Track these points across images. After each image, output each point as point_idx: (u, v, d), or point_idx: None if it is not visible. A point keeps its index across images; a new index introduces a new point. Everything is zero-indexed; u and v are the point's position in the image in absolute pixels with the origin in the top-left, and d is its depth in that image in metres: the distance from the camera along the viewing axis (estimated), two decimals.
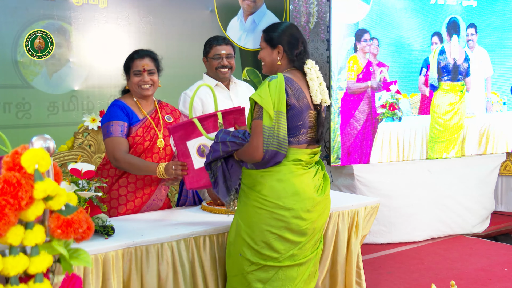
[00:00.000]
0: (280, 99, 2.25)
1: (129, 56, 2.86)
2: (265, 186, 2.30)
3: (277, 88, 2.25)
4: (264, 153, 2.24)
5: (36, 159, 1.35)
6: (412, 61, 4.90)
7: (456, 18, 4.95)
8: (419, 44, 4.90)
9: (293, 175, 2.30)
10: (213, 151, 2.40)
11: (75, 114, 4.04)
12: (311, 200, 2.33)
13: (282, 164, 2.30)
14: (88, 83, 4.08)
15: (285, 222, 2.29)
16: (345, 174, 4.71)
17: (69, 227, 1.37)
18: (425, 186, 4.83)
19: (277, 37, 2.40)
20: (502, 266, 4.13)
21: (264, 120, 2.24)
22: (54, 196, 1.36)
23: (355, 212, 2.97)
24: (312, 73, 2.36)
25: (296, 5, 5.82)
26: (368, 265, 4.04)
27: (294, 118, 2.30)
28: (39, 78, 3.90)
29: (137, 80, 2.80)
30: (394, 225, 4.72)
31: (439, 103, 4.97)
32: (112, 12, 4.16)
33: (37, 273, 1.35)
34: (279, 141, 2.24)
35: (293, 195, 2.29)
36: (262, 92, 2.26)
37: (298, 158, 2.32)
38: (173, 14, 4.46)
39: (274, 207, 2.29)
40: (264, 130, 2.24)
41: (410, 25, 4.85)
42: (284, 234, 2.30)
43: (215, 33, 4.66)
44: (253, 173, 2.33)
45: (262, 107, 2.24)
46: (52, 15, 3.92)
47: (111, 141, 2.74)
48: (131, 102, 2.85)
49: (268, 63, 2.44)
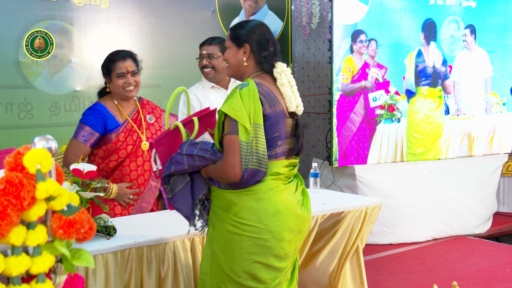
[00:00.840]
0: (256, 110, 1.98)
1: (108, 57, 2.81)
2: (243, 208, 2.02)
3: (250, 97, 1.98)
4: (242, 172, 1.96)
5: (38, 160, 1.35)
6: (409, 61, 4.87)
7: (433, 20, 4.87)
8: (418, 45, 4.89)
9: (273, 192, 2.04)
10: (176, 163, 2.08)
11: (77, 114, 4.04)
12: (296, 218, 2.08)
13: (260, 181, 2.03)
14: (89, 83, 4.09)
15: (268, 247, 2.02)
16: (346, 175, 4.71)
17: (71, 228, 1.37)
18: (427, 187, 4.83)
19: (244, 35, 2.14)
20: (504, 267, 4.12)
21: (240, 135, 1.96)
22: (56, 197, 1.37)
23: (357, 212, 2.97)
24: (283, 78, 2.11)
25: (298, 5, 5.82)
26: (370, 265, 4.04)
27: (270, 129, 2.04)
28: (41, 78, 3.91)
29: (121, 82, 2.77)
30: (395, 225, 4.72)
31: (417, 110, 4.86)
32: (113, 12, 4.16)
33: (39, 273, 1.35)
34: (259, 157, 1.98)
35: (275, 215, 2.02)
36: (234, 103, 1.98)
37: (277, 172, 2.07)
38: (174, 14, 4.47)
39: (256, 231, 2.01)
40: (241, 146, 1.96)
41: (409, 26, 4.84)
42: (270, 261, 2.04)
43: (217, 34, 4.67)
44: (227, 193, 2.05)
45: (236, 120, 1.96)
46: (54, 16, 3.92)
47: (73, 142, 2.77)
48: (112, 105, 2.82)
49: (233, 64, 2.16)
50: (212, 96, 3.14)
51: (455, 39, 5.05)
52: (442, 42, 5.00)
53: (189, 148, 2.07)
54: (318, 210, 2.86)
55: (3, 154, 2.28)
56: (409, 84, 4.83)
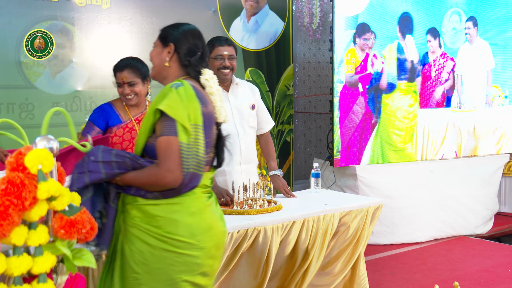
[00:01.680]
0: (195, 110, 1.83)
1: (115, 65, 2.86)
2: (172, 222, 1.83)
3: (188, 97, 1.83)
4: (183, 177, 1.80)
5: (40, 160, 1.35)
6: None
7: (409, 14, 4.79)
8: (419, 38, 4.86)
9: (203, 206, 1.90)
10: (90, 172, 1.82)
11: (78, 114, 4.04)
12: (222, 234, 1.97)
13: (191, 193, 1.87)
14: (91, 83, 4.09)
15: (197, 265, 1.87)
16: (347, 175, 4.71)
17: (73, 228, 1.37)
18: (428, 187, 4.82)
19: (172, 34, 2.02)
20: (506, 267, 4.12)
21: (179, 136, 1.79)
22: (58, 197, 1.37)
23: (358, 212, 2.97)
24: (212, 86, 1.98)
25: (299, 5, 5.82)
26: (371, 265, 4.04)
27: (205, 132, 1.88)
28: (42, 78, 3.91)
29: (120, 91, 2.85)
30: (396, 226, 4.71)
31: (399, 106, 4.79)
32: (114, 12, 4.16)
33: (40, 273, 1.35)
34: (199, 160, 1.83)
35: (207, 231, 1.89)
36: (171, 102, 1.81)
37: (205, 184, 1.92)
38: (175, 14, 4.46)
39: (186, 247, 1.83)
40: (182, 148, 1.79)
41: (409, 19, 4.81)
42: (197, 279, 1.88)
43: (218, 34, 4.66)
44: (150, 206, 1.85)
45: (174, 120, 1.79)
46: (55, 16, 3.92)
47: (78, 136, 2.89)
48: (120, 105, 2.90)
49: (156, 63, 2.04)
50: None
51: (457, 31, 5.03)
52: (444, 34, 4.97)
53: (105, 154, 1.84)
54: (319, 210, 2.86)
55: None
56: (391, 77, 4.74)
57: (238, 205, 2.82)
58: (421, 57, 4.89)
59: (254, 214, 2.72)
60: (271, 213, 2.76)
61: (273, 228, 2.65)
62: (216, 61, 3.05)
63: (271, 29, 5.01)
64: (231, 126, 3.06)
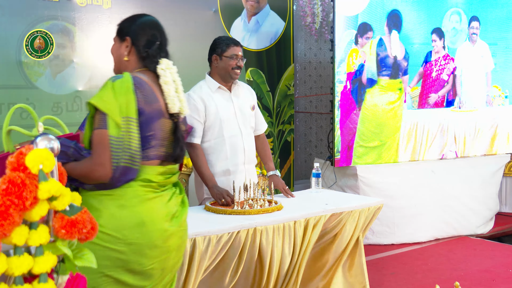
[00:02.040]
0: (128, 103, 1.79)
1: None
2: (102, 214, 1.79)
3: (123, 89, 1.80)
4: (113, 171, 1.77)
5: (41, 160, 1.35)
6: (413, 54, 4.84)
7: (398, 11, 4.76)
8: (420, 37, 4.86)
9: (139, 200, 1.83)
10: None
11: (79, 114, 4.05)
12: (161, 232, 1.85)
13: (127, 186, 1.82)
14: (92, 83, 4.09)
15: (122, 261, 1.79)
16: (348, 175, 4.71)
17: (73, 227, 1.37)
18: (429, 187, 4.82)
19: (128, 27, 2.03)
20: (507, 267, 4.11)
21: (110, 129, 1.77)
22: (59, 197, 1.37)
23: (359, 212, 2.97)
24: (167, 76, 1.94)
25: (301, 5, 5.82)
26: (372, 265, 4.04)
27: (143, 126, 1.83)
28: (43, 78, 3.91)
29: None
30: (397, 226, 4.71)
31: (376, 102, 4.70)
32: (116, 12, 4.17)
33: (41, 273, 1.35)
34: (132, 154, 1.79)
35: (137, 226, 1.80)
36: (104, 95, 1.79)
37: (148, 178, 1.85)
38: (176, 14, 4.47)
39: (110, 240, 1.78)
40: (111, 141, 1.76)
41: (410, 18, 4.80)
42: (121, 276, 1.80)
43: (219, 34, 4.66)
44: (88, 196, 1.82)
45: (105, 113, 1.77)
46: (56, 16, 3.93)
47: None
48: None
49: (115, 59, 2.04)
50: (216, 97, 3.09)
51: (457, 31, 5.03)
52: (445, 34, 4.98)
53: None
54: (320, 210, 2.86)
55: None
56: (371, 73, 4.68)
57: (238, 205, 2.82)
58: (424, 56, 4.89)
59: (254, 214, 2.73)
60: (272, 213, 2.76)
61: (274, 228, 2.65)
62: (232, 60, 3.07)
63: (272, 29, 5.02)
64: (234, 126, 3.08)
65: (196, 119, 3.02)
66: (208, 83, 3.12)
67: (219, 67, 3.10)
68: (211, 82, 3.12)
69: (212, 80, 3.12)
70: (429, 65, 4.93)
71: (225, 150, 3.06)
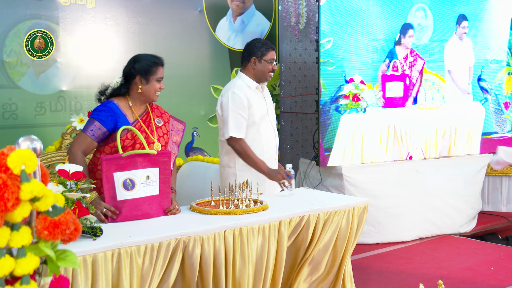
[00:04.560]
0: None
1: (152, 60, 2.83)
2: None
3: None
4: None
5: (23, 160, 1.34)
6: (377, 51, 4.79)
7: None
8: (384, 33, 4.80)
9: None
10: None
11: (63, 114, 4.01)
12: None
13: None
14: (76, 83, 4.06)
15: None
16: (333, 175, 4.73)
17: (56, 228, 1.36)
18: (413, 186, 4.86)
19: None
20: (489, 265, 4.16)
21: None
22: (41, 197, 1.35)
23: (344, 212, 2.98)
24: None
25: (285, 5, 5.83)
26: (357, 265, 4.06)
27: None
28: (26, 78, 3.87)
29: (158, 86, 2.82)
30: (382, 225, 4.74)
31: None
32: (100, 12, 4.14)
33: (23, 275, 1.34)
34: None
35: None
36: None
37: None
38: (161, 14, 4.45)
39: None
40: None
41: (374, 13, 4.73)
42: None
43: (204, 34, 4.67)
44: None
45: None
46: (39, 15, 3.89)
47: (80, 135, 2.77)
48: (125, 105, 2.82)
49: None
50: (253, 96, 3.27)
51: (422, 27, 4.99)
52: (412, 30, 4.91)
53: None
54: (305, 210, 2.87)
55: None
56: None
57: (224, 205, 2.82)
58: (387, 54, 4.82)
59: (240, 214, 2.73)
60: (258, 213, 2.77)
61: (259, 228, 2.66)
62: (270, 64, 3.28)
63: (257, 29, 5.02)
64: (267, 124, 3.32)
65: (242, 115, 3.20)
66: (246, 82, 3.30)
67: (257, 69, 3.29)
68: (250, 81, 3.30)
69: (249, 79, 3.30)
70: (396, 62, 4.86)
71: (261, 146, 3.28)
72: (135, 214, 2.61)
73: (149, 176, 2.65)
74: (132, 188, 2.61)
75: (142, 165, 2.64)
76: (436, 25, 5.06)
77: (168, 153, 2.73)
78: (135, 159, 2.62)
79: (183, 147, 4.57)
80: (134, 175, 2.61)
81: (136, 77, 2.80)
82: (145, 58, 2.84)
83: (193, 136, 4.64)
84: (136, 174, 2.61)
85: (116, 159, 2.58)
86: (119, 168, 2.58)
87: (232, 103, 3.20)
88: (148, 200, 2.65)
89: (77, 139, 2.76)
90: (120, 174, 2.58)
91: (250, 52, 3.28)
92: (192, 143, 4.64)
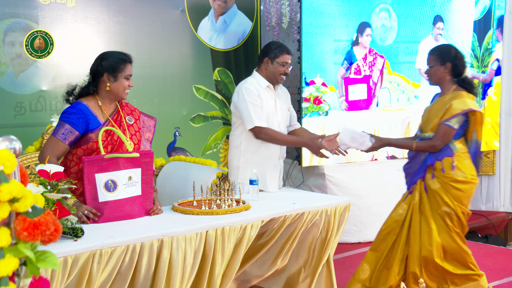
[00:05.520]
0: None
1: (120, 57, 2.77)
2: None
3: None
4: None
5: (1, 161, 1.32)
6: (339, 52, 4.73)
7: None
8: (345, 34, 4.75)
9: None
10: None
11: (43, 114, 3.96)
12: None
13: None
14: (56, 83, 4.01)
15: None
16: (316, 174, 4.75)
17: (36, 229, 1.35)
18: (395, 185, 4.88)
19: None
20: None
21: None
22: (20, 198, 1.34)
23: (326, 211, 3.00)
24: None
25: (267, 5, 5.84)
26: (339, 264, 4.08)
27: None
28: (5, 78, 3.82)
29: (126, 84, 2.77)
30: (364, 224, 4.78)
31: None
32: (80, 11, 4.10)
33: (2, 277, 1.32)
34: None
35: None
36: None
37: None
38: (143, 13, 4.42)
39: None
40: None
41: (336, 14, 4.67)
42: None
43: (186, 33, 4.65)
44: None
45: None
46: (18, 14, 3.84)
47: (51, 139, 2.71)
48: (94, 105, 2.78)
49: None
50: (264, 94, 3.36)
51: (386, 28, 4.95)
52: (373, 31, 4.86)
53: None
54: (287, 210, 2.88)
55: None
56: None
57: (206, 205, 2.82)
58: (345, 56, 4.76)
59: (222, 214, 2.73)
60: (240, 213, 2.77)
61: (242, 227, 2.66)
62: (282, 67, 3.38)
63: (239, 29, 5.02)
64: (275, 123, 3.37)
65: (259, 105, 3.30)
66: (258, 80, 3.41)
67: (269, 69, 3.40)
68: (261, 80, 3.41)
69: (262, 78, 3.41)
70: (357, 65, 4.81)
71: (266, 144, 3.34)
72: (117, 215, 2.59)
73: (131, 177, 2.64)
74: (114, 189, 2.59)
75: (124, 166, 2.62)
76: (401, 26, 5.01)
77: (150, 153, 2.72)
78: (117, 160, 2.60)
79: (165, 147, 4.55)
80: (116, 176, 2.59)
81: (104, 74, 2.75)
82: (112, 55, 2.79)
83: (175, 136, 4.62)
84: (118, 175, 2.60)
85: (98, 161, 2.56)
86: (101, 170, 2.56)
87: (248, 95, 3.30)
88: (130, 201, 2.63)
89: (48, 144, 2.69)
90: (101, 176, 2.56)
91: (265, 52, 3.42)
92: (174, 143, 4.62)
